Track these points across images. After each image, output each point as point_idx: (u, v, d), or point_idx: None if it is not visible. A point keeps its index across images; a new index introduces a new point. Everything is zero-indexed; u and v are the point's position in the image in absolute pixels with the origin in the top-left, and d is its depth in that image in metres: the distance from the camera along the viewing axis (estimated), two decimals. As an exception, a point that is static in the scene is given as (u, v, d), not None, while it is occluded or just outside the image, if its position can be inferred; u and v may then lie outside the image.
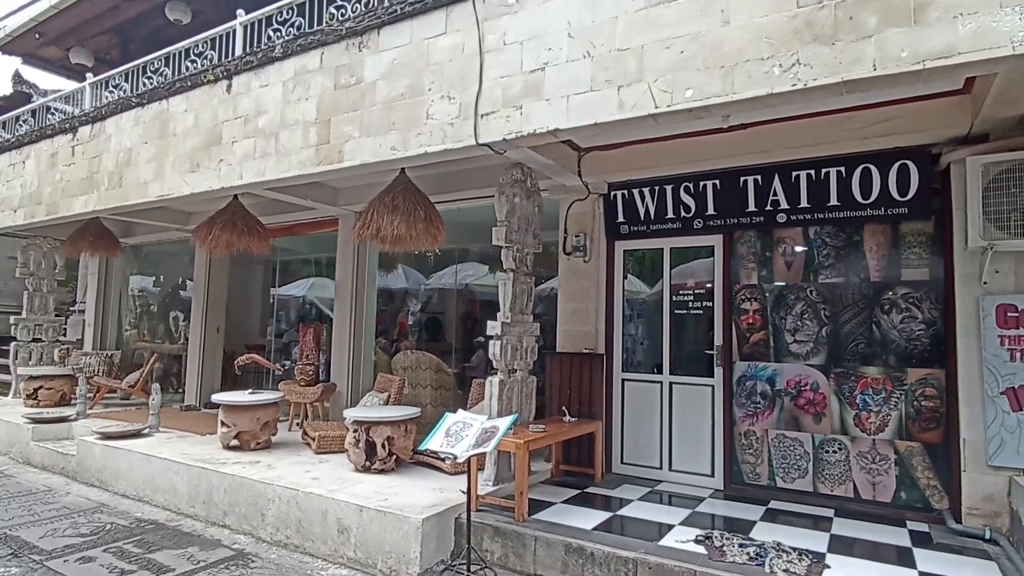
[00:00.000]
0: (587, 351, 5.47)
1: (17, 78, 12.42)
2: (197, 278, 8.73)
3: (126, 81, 6.96)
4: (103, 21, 9.20)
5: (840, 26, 3.03)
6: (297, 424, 6.83)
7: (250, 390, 5.98)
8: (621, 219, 5.49)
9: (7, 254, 12.94)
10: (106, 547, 4.48)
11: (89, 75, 7.69)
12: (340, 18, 5.03)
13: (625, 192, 5.42)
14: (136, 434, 6.30)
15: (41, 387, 8.12)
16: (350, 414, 5.15)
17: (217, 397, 5.67)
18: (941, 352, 4.33)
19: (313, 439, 5.76)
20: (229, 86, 5.71)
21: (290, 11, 5.46)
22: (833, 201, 4.57)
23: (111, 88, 7.18)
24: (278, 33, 5.51)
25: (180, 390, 9.04)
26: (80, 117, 7.32)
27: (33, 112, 8.42)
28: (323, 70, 5.07)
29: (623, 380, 5.55)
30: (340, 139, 4.89)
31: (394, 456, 5.04)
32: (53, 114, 8.29)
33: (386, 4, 4.72)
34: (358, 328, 7.05)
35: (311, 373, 6.76)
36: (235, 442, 5.74)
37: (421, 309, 10.43)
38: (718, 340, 5.09)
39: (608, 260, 5.62)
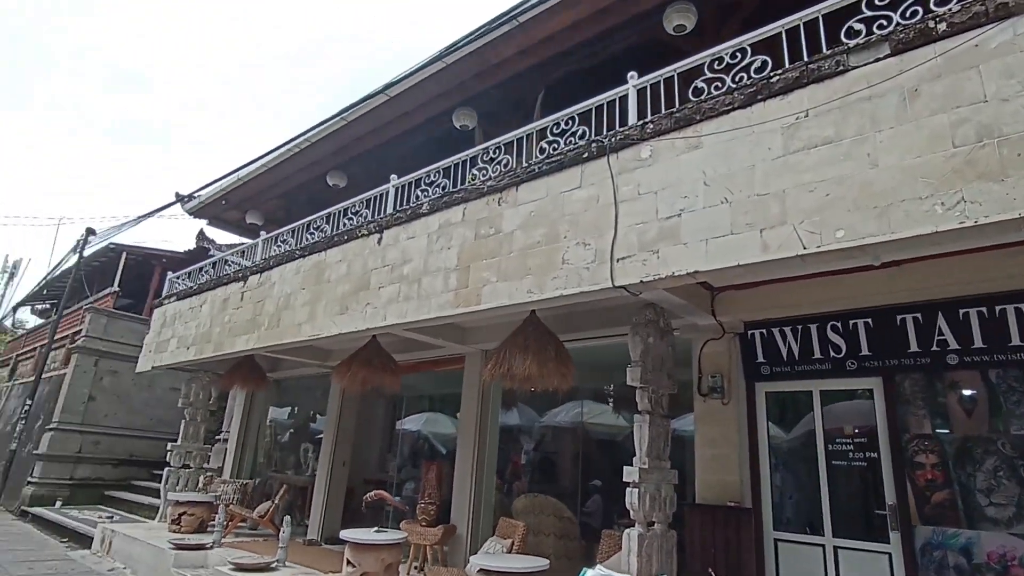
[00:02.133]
0: (732, 504, 4.98)
1: (200, 235, 14.76)
2: (330, 412, 9.21)
3: (292, 236, 8.02)
4: (275, 190, 10.88)
5: (1008, 163, 2.91)
6: (416, 568, 6.63)
7: (376, 528, 5.96)
8: (761, 359, 5.23)
9: (170, 386, 14.54)
10: None
11: (263, 232, 8.94)
12: (482, 178, 5.60)
13: (764, 331, 5.22)
14: (266, 567, 6.39)
15: (184, 512, 8.61)
16: (477, 562, 4.93)
17: (346, 534, 5.69)
18: None
19: (435, 587, 5.53)
20: (380, 239, 6.39)
21: (436, 174, 6.16)
22: (1016, 341, 4.09)
23: (279, 243, 8.28)
24: (425, 192, 6.20)
25: (304, 522, 9.20)
26: (251, 268, 8.43)
27: (213, 264, 9.83)
28: (464, 222, 5.56)
29: (775, 540, 4.93)
30: (478, 283, 5.21)
31: (522, 613, 4.68)
32: (228, 265, 9.63)
33: (524, 164, 5.21)
34: (480, 467, 6.97)
35: (433, 513, 6.67)
36: (358, 584, 5.63)
37: (535, 448, 10.18)
38: (890, 498, 4.45)
39: (749, 402, 5.29)
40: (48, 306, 22.85)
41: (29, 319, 25.91)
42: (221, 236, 14.69)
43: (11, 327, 27.41)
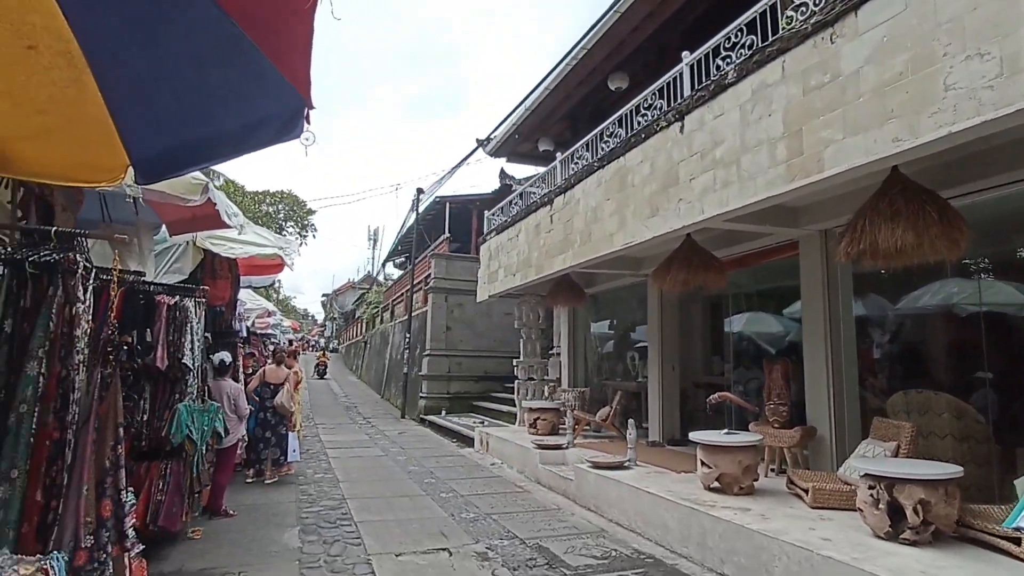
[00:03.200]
0: None
1: (502, 174, 16.10)
2: (651, 319, 9.22)
3: (587, 150, 7.98)
4: (559, 111, 11.03)
5: None
6: (772, 470, 6.25)
7: (725, 430, 5.73)
8: None
9: (504, 311, 16.58)
10: (618, 574, 4.75)
11: (558, 154, 9.14)
12: (801, 17, 4.54)
13: None
14: (619, 466, 6.78)
15: (538, 418, 9.75)
16: (859, 465, 4.31)
17: (697, 436, 5.60)
18: None
19: (805, 490, 5.08)
20: (682, 127, 5.83)
21: (738, 33, 5.26)
22: None
23: (575, 160, 8.35)
24: (727, 60, 5.37)
25: (642, 425, 9.57)
26: (554, 191, 8.73)
27: (520, 195, 10.54)
28: (786, 79, 4.63)
29: None
30: (816, 147, 4.31)
31: (931, 526, 3.93)
32: (531, 196, 10.20)
33: (864, -23, 4.01)
34: (835, 364, 6.10)
35: (784, 414, 6.13)
36: (716, 484, 5.52)
37: (890, 339, 8.60)
38: None
39: None
40: (404, 259, 28.25)
41: (393, 272, 32.53)
42: (519, 171, 15.81)
43: (383, 280, 34.84)
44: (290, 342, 17.97)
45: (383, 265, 33.18)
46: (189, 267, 5.89)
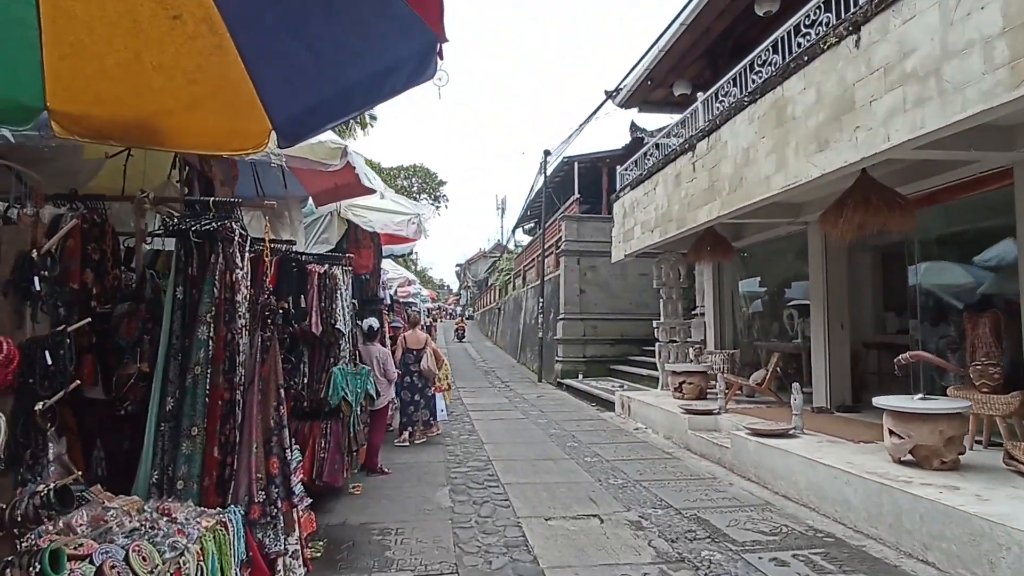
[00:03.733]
0: None
1: (632, 127, 15.27)
2: (813, 272, 8.22)
3: (733, 85, 7.14)
4: (697, 49, 10.06)
5: None
6: (978, 442, 5.29)
7: (919, 395, 4.89)
8: None
9: (639, 272, 15.95)
10: (793, 553, 4.25)
11: (699, 94, 8.33)
12: None
13: None
14: (783, 434, 6.14)
15: (684, 381, 9.21)
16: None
17: (884, 401, 4.84)
18: None
19: (1033, 468, 4.18)
20: (857, 40, 4.92)
21: (936, -89, 4.25)
22: None
23: (719, 99, 7.53)
24: (919, -53, 4.37)
25: (803, 389, 8.68)
26: (696, 135, 7.98)
27: (657, 146, 9.84)
28: (1009, -45, 3.65)
29: None
30: (1060, 36, 3.35)
31: None
32: (668, 147, 9.46)
33: None
34: (1068, 315, 4.95)
35: (996, 376, 5.11)
36: (909, 457, 4.76)
37: None
38: None
39: None
40: (533, 224, 28.27)
41: (523, 238, 32.76)
42: (651, 123, 14.89)
43: (513, 247, 35.27)
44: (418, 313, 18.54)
45: (512, 232, 33.55)
46: (335, 237, 6.12)
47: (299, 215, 5.22)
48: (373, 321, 6.57)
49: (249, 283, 3.11)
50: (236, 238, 3.00)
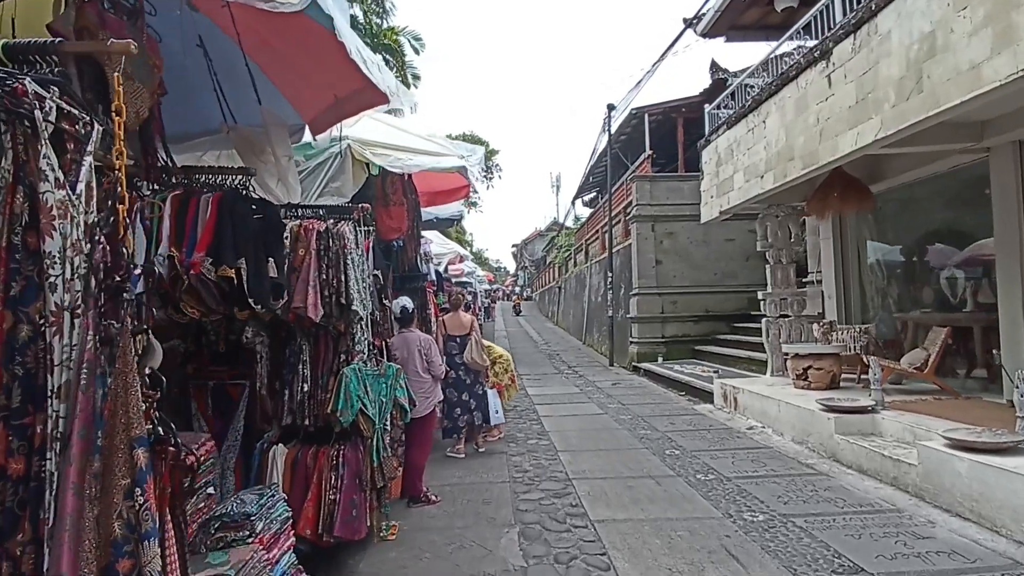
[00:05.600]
0: None
1: (713, 67, 12.98)
2: (1002, 216, 5.96)
3: (900, -52, 4.99)
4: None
5: None
6: None
7: None
8: None
9: (724, 237, 13.74)
10: None
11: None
12: None
13: None
14: (1012, 448, 4.11)
15: (811, 367, 7.17)
16: None
17: None
18: None
19: None
20: None
21: None
22: None
23: (871, -24, 5.38)
24: None
25: (991, 378, 6.51)
26: (830, 37, 5.88)
27: (765, 68, 7.71)
28: None
29: None
30: None
31: None
32: (785, 61, 7.33)
33: None
34: None
35: None
36: None
37: None
38: None
39: None
40: (594, 194, 26.13)
41: (583, 212, 30.63)
42: (736, 61, 12.57)
43: (571, 224, 33.21)
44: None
45: (572, 203, 31.42)
46: (351, 188, 4.47)
47: (286, 148, 3.59)
48: (406, 301, 4.92)
49: (88, 222, 1.46)
50: (44, 118, 1.35)
